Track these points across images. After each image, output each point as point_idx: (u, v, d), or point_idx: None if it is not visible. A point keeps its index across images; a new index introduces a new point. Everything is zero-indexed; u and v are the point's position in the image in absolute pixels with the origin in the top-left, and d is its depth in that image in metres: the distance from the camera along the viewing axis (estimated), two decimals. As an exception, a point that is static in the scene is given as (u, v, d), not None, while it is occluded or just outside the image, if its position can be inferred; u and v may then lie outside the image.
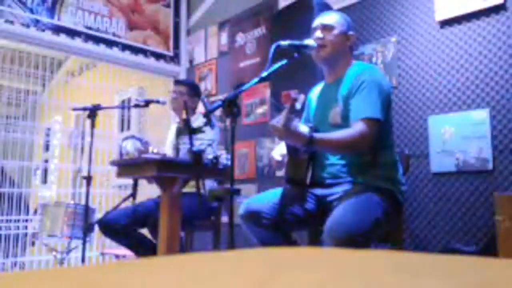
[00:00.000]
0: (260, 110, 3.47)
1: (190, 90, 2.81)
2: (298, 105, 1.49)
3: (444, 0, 2.42)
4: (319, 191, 1.78)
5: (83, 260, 2.55)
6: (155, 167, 2.09)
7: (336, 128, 1.74)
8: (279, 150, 1.86)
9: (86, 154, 2.73)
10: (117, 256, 3.26)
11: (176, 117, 2.92)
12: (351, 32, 1.87)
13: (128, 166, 2.31)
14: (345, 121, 1.74)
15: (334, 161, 1.77)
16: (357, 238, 1.46)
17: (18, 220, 4.45)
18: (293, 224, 1.79)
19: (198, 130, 2.00)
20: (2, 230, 4.30)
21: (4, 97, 5.47)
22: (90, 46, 3.68)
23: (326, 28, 1.84)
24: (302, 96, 1.54)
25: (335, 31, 1.83)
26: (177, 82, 2.92)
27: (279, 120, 1.52)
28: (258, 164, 3.42)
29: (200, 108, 3.00)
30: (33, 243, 4.28)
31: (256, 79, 1.68)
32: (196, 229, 2.74)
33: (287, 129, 1.50)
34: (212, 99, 3.90)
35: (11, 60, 4.64)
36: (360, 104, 1.69)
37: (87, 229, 2.68)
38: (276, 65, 1.71)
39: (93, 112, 2.60)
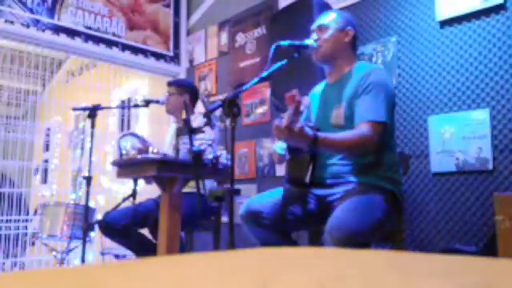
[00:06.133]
0: (260, 110, 3.47)
1: (177, 88, 2.78)
2: (302, 107, 1.49)
3: (444, 0, 2.42)
4: (319, 191, 1.78)
5: (83, 260, 2.55)
6: (155, 167, 2.09)
7: (338, 128, 1.73)
8: (281, 144, 1.86)
9: (86, 154, 2.73)
10: (117, 256, 3.26)
11: (174, 117, 2.91)
12: (348, 28, 1.85)
13: (128, 166, 2.31)
14: (348, 122, 1.72)
15: (335, 161, 1.77)
16: (357, 238, 1.46)
17: (18, 220, 4.45)
18: (293, 224, 1.79)
19: (198, 130, 2.00)
20: (2, 230, 4.30)
21: (4, 97, 5.47)
22: (90, 46, 3.68)
23: (321, 28, 1.84)
24: (306, 98, 1.54)
25: (330, 30, 1.82)
26: (168, 84, 2.89)
27: (282, 121, 1.51)
28: (258, 164, 3.42)
29: (200, 107, 3.00)
30: (33, 243, 4.28)
31: (256, 79, 1.68)
32: (196, 229, 2.74)
33: (290, 131, 1.49)
34: (212, 99, 3.90)
35: (11, 60, 4.64)
36: (366, 106, 1.67)
37: (87, 229, 2.68)
38: (276, 65, 1.71)
39: (93, 112, 2.60)
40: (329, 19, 1.86)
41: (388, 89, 1.71)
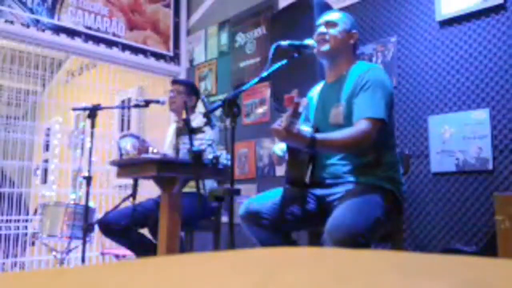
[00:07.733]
0: (260, 110, 3.47)
1: (187, 88, 2.81)
2: (301, 109, 1.49)
3: (444, 0, 2.42)
4: (319, 191, 1.78)
5: (83, 260, 2.55)
6: (155, 167, 2.09)
7: (337, 128, 1.73)
8: (280, 145, 1.86)
9: (86, 154, 2.73)
10: (117, 256, 3.26)
11: (175, 116, 2.92)
12: (354, 31, 1.87)
13: (128, 166, 2.31)
14: (347, 121, 1.73)
15: (335, 161, 1.77)
16: (357, 238, 1.46)
17: (18, 220, 4.45)
18: (293, 224, 1.79)
19: (198, 130, 2.00)
20: (2, 230, 4.30)
21: (4, 97, 5.47)
22: (90, 46, 3.68)
23: (329, 24, 1.84)
24: (305, 100, 1.54)
25: (339, 28, 1.83)
26: (174, 82, 2.92)
27: (280, 123, 1.52)
28: (258, 164, 3.42)
29: (200, 107, 3.00)
30: (33, 243, 4.28)
31: (256, 79, 1.68)
32: (196, 229, 2.74)
33: (289, 132, 1.50)
34: (212, 99, 3.90)
35: (11, 60, 4.64)
36: (363, 103, 1.68)
37: (87, 229, 2.68)
38: (276, 65, 1.71)
39: (93, 112, 2.61)
40: (337, 17, 1.86)
41: (386, 87, 1.72)
